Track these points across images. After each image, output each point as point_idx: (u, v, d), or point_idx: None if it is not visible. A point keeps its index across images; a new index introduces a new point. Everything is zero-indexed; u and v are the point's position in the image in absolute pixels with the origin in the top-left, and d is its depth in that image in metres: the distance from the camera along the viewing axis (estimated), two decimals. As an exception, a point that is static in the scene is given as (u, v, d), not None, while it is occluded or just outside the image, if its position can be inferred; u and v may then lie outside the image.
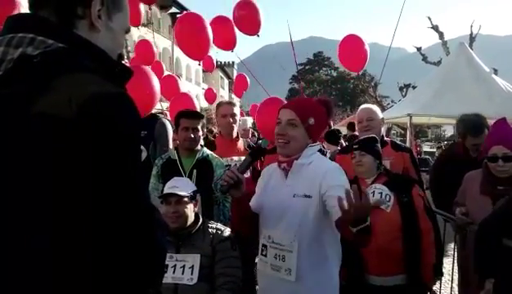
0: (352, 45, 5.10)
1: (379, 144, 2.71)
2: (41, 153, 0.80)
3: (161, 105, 4.83)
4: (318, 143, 2.06)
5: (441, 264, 2.59)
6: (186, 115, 3.16)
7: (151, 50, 6.63)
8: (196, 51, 4.36)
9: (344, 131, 8.15)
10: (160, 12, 28.63)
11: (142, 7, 5.31)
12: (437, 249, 2.53)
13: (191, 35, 4.20)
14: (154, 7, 26.91)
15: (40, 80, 0.83)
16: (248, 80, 12.83)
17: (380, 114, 3.32)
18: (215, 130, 4.12)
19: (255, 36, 5.02)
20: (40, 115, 0.80)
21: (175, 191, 2.51)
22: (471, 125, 3.31)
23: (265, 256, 1.96)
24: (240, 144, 3.63)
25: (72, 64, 0.88)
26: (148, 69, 3.91)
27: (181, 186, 2.57)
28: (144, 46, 6.74)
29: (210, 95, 10.72)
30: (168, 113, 4.53)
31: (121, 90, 0.92)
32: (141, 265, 0.89)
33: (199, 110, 4.31)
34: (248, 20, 4.85)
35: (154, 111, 3.91)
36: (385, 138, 3.36)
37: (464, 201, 2.92)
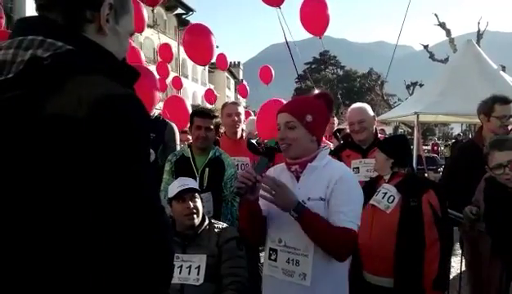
0: (314, 7, 5.21)
1: (403, 145, 2.67)
2: (51, 154, 0.80)
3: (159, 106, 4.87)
4: (327, 146, 2.00)
5: (444, 278, 2.40)
6: (200, 114, 3.18)
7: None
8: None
9: None
10: (166, 13, 28.73)
11: (145, 12, 5.33)
12: (443, 262, 2.34)
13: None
14: (160, 8, 27.03)
15: (50, 82, 0.84)
16: (248, 89, 13.29)
17: (371, 112, 3.25)
18: (222, 130, 4.14)
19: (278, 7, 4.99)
20: (51, 116, 0.81)
21: (189, 186, 2.55)
22: (498, 96, 3.19)
23: (274, 260, 1.87)
24: (245, 144, 3.63)
25: (81, 66, 0.89)
26: (148, 69, 3.97)
27: (191, 183, 2.62)
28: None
29: (209, 96, 10.80)
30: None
31: (130, 91, 0.93)
32: (151, 267, 0.88)
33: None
34: None
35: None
36: (379, 135, 3.34)
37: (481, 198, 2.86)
